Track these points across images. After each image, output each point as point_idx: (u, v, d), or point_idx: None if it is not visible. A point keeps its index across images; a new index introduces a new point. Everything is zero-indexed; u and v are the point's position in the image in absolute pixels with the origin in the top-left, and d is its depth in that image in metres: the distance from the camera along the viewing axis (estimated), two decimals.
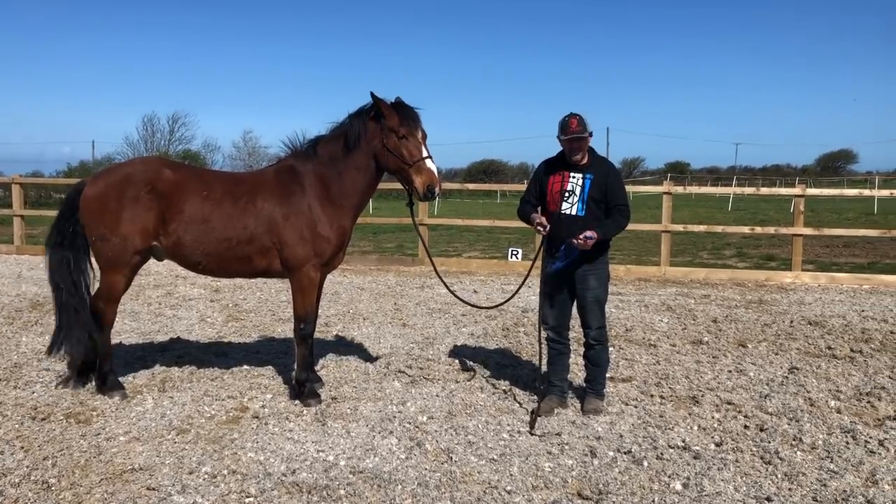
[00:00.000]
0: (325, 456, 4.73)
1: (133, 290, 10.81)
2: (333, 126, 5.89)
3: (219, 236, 5.62)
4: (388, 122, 5.53)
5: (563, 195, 5.55)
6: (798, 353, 7.45)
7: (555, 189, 5.60)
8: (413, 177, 5.48)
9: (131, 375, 6.43)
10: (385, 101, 5.62)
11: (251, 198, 5.68)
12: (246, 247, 5.67)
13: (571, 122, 5.44)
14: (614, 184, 5.55)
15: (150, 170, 5.71)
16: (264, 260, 5.75)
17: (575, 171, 5.54)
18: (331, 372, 6.63)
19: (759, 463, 4.67)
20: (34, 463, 4.57)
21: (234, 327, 8.60)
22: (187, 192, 5.63)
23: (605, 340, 5.77)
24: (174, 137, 68.50)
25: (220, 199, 5.66)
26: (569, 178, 5.55)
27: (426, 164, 5.49)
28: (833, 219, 27.42)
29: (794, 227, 12.93)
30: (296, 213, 5.66)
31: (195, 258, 5.73)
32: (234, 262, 5.76)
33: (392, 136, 5.53)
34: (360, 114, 5.73)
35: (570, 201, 5.53)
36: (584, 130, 5.44)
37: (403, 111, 5.58)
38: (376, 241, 19.82)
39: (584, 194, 5.49)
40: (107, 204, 5.59)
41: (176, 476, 4.40)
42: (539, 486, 4.35)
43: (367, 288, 11.59)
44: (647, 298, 10.69)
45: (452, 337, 8.10)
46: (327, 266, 5.93)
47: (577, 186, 5.51)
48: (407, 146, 5.51)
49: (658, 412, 5.62)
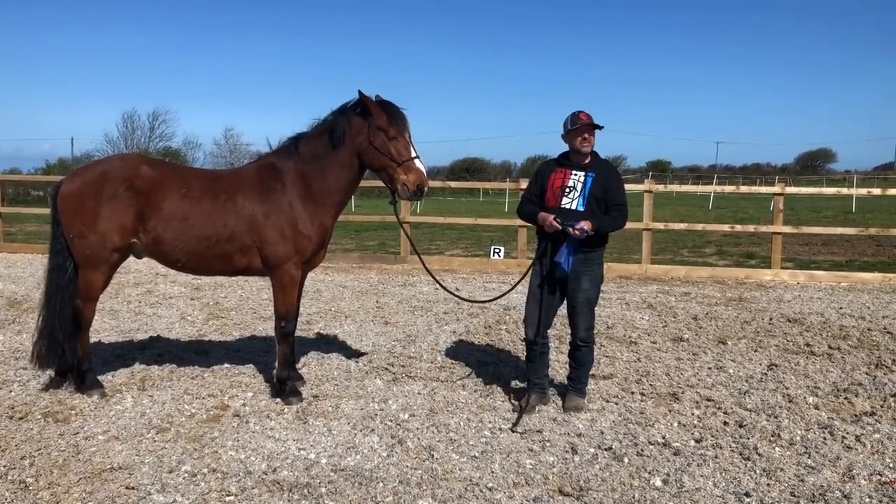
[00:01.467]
0: (307, 454, 4.71)
1: (113, 288, 10.72)
2: (315, 123, 5.86)
3: (198, 234, 5.58)
4: (376, 121, 5.50)
5: (564, 191, 5.54)
6: (777, 350, 7.52)
7: (555, 185, 5.59)
8: (402, 175, 5.47)
9: (110, 374, 6.37)
10: (372, 99, 5.60)
11: (231, 196, 5.64)
12: (226, 245, 5.64)
13: (582, 114, 5.48)
14: (615, 184, 5.58)
15: (129, 167, 5.65)
16: (244, 258, 5.72)
17: (577, 170, 5.56)
18: (312, 370, 6.61)
19: (738, 459, 4.71)
20: (11, 462, 4.52)
21: (214, 325, 8.55)
22: (166, 189, 5.58)
23: (592, 342, 5.75)
24: (154, 134, 67.93)
25: (199, 196, 5.62)
26: (570, 175, 5.56)
27: (416, 163, 5.50)
28: (812, 217, 27.71)
29: (774, 225, 13.04)
30: (277, 211, 5.63)
31: (175, 256, 5.68)
32: (213, 261, 5.72)
33: (380, 135, 5.50)
34: (344, 111, 5.69)
35: (570, 196, 5.52)
36: (593, 122, 5.47)
37: (391, 110, 5.56)
38: (359, 239, 19.77)
39: (586, 191, 5.50)
40: (84, 201, 5.53)
41: (156, 475, 4.37)
42: (520, 482, 4.36)
43: (350, 286, 11.57)
44: (629, 296, 10.74)
45: (434, 335, 8.11)
46: (308, 264, 5.91)
47: (579, 183, 5.52)
48: (396, 145, 5.50)
49: (639, 409, 5.65)
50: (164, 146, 66.05)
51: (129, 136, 66.38)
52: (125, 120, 66.97)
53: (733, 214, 30.51)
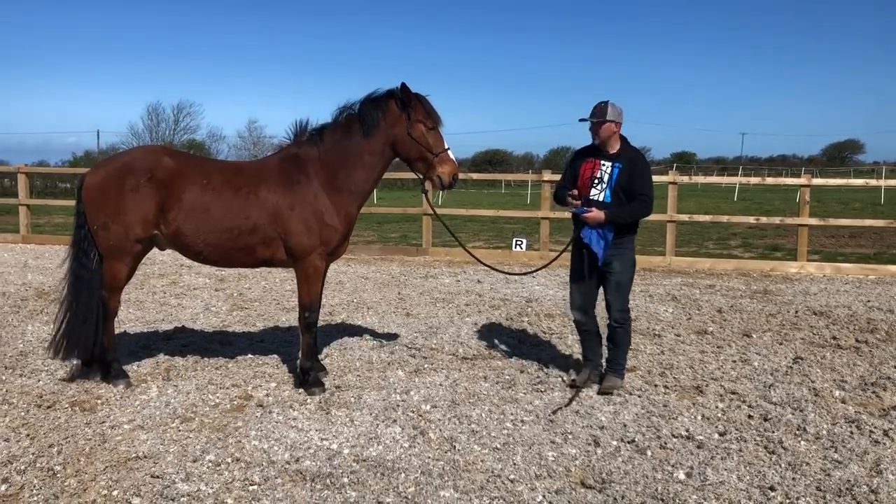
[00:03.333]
0: (329, 444, 4.74)
1: (138, 279, 10.85)
2: (339, 112, 5.87)
3: (220, 226, 5.61)
4: (416, 113, 5.63)
5: (593, 182, 5.72)
6: (803, 343, 7.44)
7: (585, 175, 5.77)
8: (438, 166, 5.64)
9: (136, 364, 6.45)
10: (414, 93, 5.66)
11: (254, 188, 5.67)
12: (248, 237, 5.66)
13: (595, 108, 5.65)
14: (639, 173, 5.68)
15: (151, 158, 5.69)
16: (268, 250, 5.74)
17: (605, 160, 5.71)
18: (335, 361, 6.64)
19: (763, 452, 4.66)
20: (40, 450, 4.59)
21: (238, 316, 8.61)
22: (187, 181, 5.62)
23: (627, 322, 5.92)
24: (179, 127, 68.59)
25: (220, 188, 5.64)
26: (599, 166, 5.72)
27: (450, 154, 5.69)
28: (839, 209, 27.34)
29: (800, 217, 12.88)
30: (301, 203, 5.65)
31: (197, 248, 5.72)
32: (236, 253, 5.75)
33: (419, 126, 5.63)
34: (376, 100, 5.73)
35: (598, 188, 5.69)
36: (602, 116, 5.58)
37: (429, 104, 5.71)
38: (380, 231, 19.81)
39: (612, 182, 5.65)
40: (107, 192, 5.59)
41: (180, 464, 4.42)
42: (542, 474, 4.35)
43: (372, 277, 11.59)
44: (652, 288, 10.67)
45: (456, 326, 8.10)
46: (332, 255, 5.93)
47: (606, 174, 5.68)
48: (434, 137, 5.66)
49: (662, 402, 5.61)
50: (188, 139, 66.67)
51: (154, 129, 67.07)
52: (150, 112, 67.66)
53: (759, 206, 30.19)
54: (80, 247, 5.77)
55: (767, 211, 26.12)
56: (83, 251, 5.76)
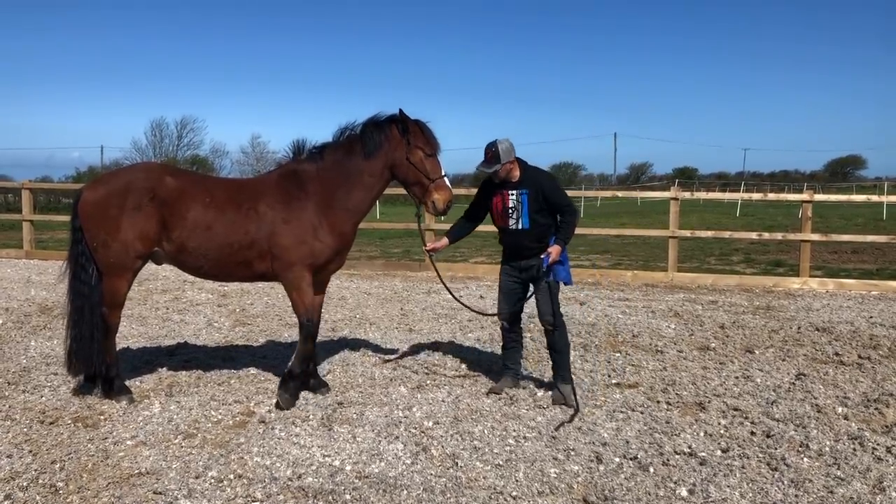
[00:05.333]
0: (331, 461, 4.74)
1: (140, 294, 10.88)
2: (340, 132, 5.95)
3: (221, 242, 5.67)
4: (415, 139, 5.75)
5: (508, 212, 5.98)
6: (805, 360, 7.43)
7: (499, 208, 6.05)
8: (433, 192, 5.74)
9: (138, 380, 6.46)
10: (414, 119, 5.79)
11: (253, 203, 5.74)
12: (247, 251, 5.72)
13: (486, 152, 5.87)
14: (550, 190, 5.94)
15: (152, 178, 5.74)
16: (263, 263, 5.80)
17: (511, 189, 5.97)
18: (337, 377, 6.64)
19: (766, 469, 4.66)
20: (42, 466, 4.59)
21: (241, 332, 8.62)
22: (189, 199, 5.68)
23: (562, 326, 6.12)
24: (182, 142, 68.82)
25: (222, 205, 5.71)
26: (508, 196, 5.98)
27: (445, 181, 5.81)
28: (842, 225, 27.32)
29: (802, 232, 12.88)
30: (297, 218, 5.71)
31: (197, 263, 5.78)
32: (234, 267, 5.81)
33: (418, 152, 5.74)
34: (379, 124, 5.83)
35: (514, 217, 5.98)
36: (499, 161, 5.79)
37: (429, 131, 5.84)
38: (383, 247, 19.84)
39: (525, 209, 5.93)
40: (108, 211, 5.63)
41: (182, 480, 4.42)
42: (545, 491, 4.35)
43: (374, 293, 11.61)
44: (655, 304, 10.67)
45: (458, 342, 8.11)
46: (323, 271, 5.96)
47: (518, 203, 5.95)
48: (431, 163, 5.77)
49: (664, 418, 5.61)
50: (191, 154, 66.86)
51: (157, 144, 67.28)
52: (154, 128, 67.90)
53: (761, 222, 30.19)
54: (77, 262, 5.81)
55: (770, 226, 26.12)
56: (81, 266, 5.80)
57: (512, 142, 5.88)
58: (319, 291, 6.23)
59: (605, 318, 9.56)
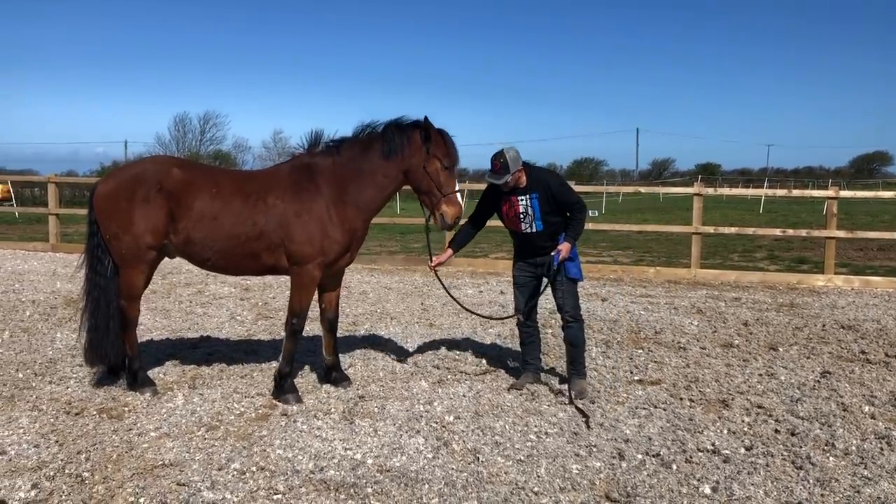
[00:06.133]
0: (353, 454, 4.75)
1: (164, 288, 10.98)
2: (361, 129, 5.93)
3: (227, 233, 5.66)
4: (435, 149, 5.70)
5: (520, 217, 6.01)
6: (830, 358, 7.35)
7: (510, 214, 6.07)
8: (443, 206, 5.71)
9: (162, 372, 6.52)
10: (437, 129, 5.75)
11: (262, 195, 5.70)
12: (254, 243, 5.70)
13: (494, 163, 5.85)
14: (559, 191, 5.95)
15: (160, 169, 5.77)
16: (272, 257, 5.77)
17: (520, 194, 5.97)
18: (358, 371, 6.66)
19: (791, 468, 4.61)
20: (68, 457, 4.65)
21: (263, 325, 8.67)
22: (196, 190, 5.68)
23: (580, 319, 6.10)
24: (205, 138, 69.40)
25: (229, 196, 5.69)
26: (518, 202, 5.99)
27: (457, 197, 5.78)
28: (868, 221, 26.98)
29: (827, 229, 12.73)
30: (307, 212, 5.67)
31: (204, 255, 5.78)
32: (242, 259, 5.79)
33: (435, 162, 5.70)
34: (402, 127, 5.79)
35: (527, 222, 6.00)
36: (508, 171, 5.79)
37: (450, 143, 5.78)
38: (403, 242, 19.85)
39: (537, 213, 5.94)
40: (118, 203, 5.68)
41: (205, 472, 4.45)
42: (567, 487, 4.33)
43: (395, 288, 11.63)
44: (677, 301, 10.60)
45: (479, 337, 8.10)
46: (334, 266, 5.94)
47: (528, 207, 5.96)
48: (446, 176, 5.73)
49: (687, 415, 5.57)
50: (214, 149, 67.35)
51: (180, 140, 67.93)
52: (177, 123, 68.56)
53: (785, 218, 29.89)
54: (93, 254, 5.89)
55: (794, 223, 25.84)
56: (97, 259, 5.87)
57: (515, 150, 5.88)
58: (334, 287, 6.24)
59: (628, 314, 9.50)
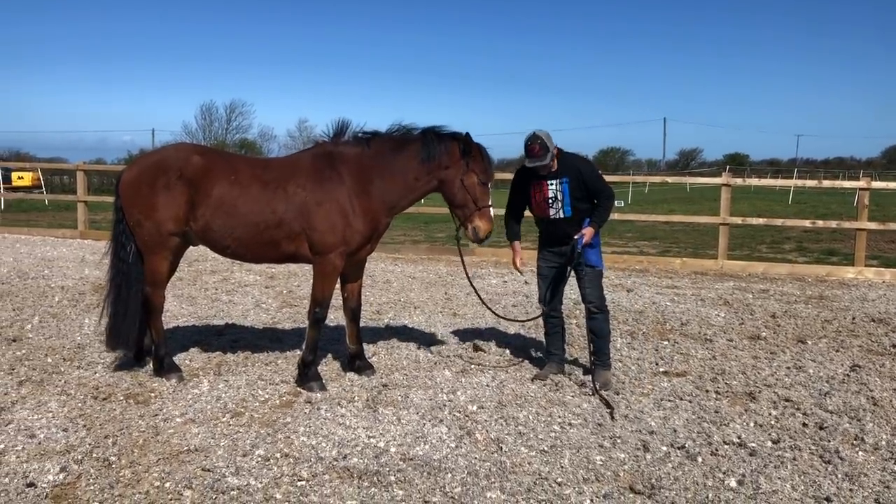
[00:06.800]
0: (376, 442, 4.76)
1: (190, 275, 11.08)
2: (398, 127, 5.93)
3: (246, 221, 5.67)
4: (474, 164, 5.73)
5: (548, 202, 5.97)
6: (860, 351, 7.23)
7: (538, 199, 6.03)
8: (477, 220, 5.77)
9: (188, 358, 6.57)
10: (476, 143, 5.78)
11: (282, 182, 5.70)
12: (274, 231, 5.70)
13: (532, 147, 5.79)
14: (590, 178, 5.93)
15: (181, 157, 5.80)
16: (292, 245, 5.78)
17: (550, 179, 5.93)
18: (382, 359, 6.67)
19: (819, 462, 4.54)
20: (96, 441, 4.70)
21: (288, 313, 8.72)
22: (215, 177, 5.69)
23: (605, 310, 6.12)
24: (231, 126, 69.92)
25: (247, 183, 5.70)
26: (548, 187, 5.95)
27: (490, 212, 5.81)
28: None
29: (858, 221, 12.52)
30: (329, 200, 5.67)
31: (224, 242, 5.80)
32: (261, 247, 5.81)
33: (473, 176, 5.73)
34: (443, 136, 5.80)
35: (555, 207, 5.97)
36: (547, 152, 5.76)
37: (488, 159, 5.83)
38: (427, 231, 19.86)
39: (567, 198, 5.92)
40: (140, 190, 5.74)
41: (230, 458, 4.48)
42: (590, 478, 4.30)
43: (419, 277, 11.63)
44: (704, 292, 10.49)
45: (503, 328, 8.08)
46: (354, 256, 5.93)
47: (558, 192, 5.93)
48: (482, 191, 5.78)
49: (713, 407, 5.51)
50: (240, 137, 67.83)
51: (207, 128, 68.53)
52: (203, 112, 69.18)
53: (814, 210, 29.46)
54: (118, 241, 5.96)
55: (823, 214, 25.48)
56: (121, 245, 5.94)
57: (547, 131, 5.84)
58: (357, 277, 6.24)
59: (653, 305, 9.43)
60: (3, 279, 10.66)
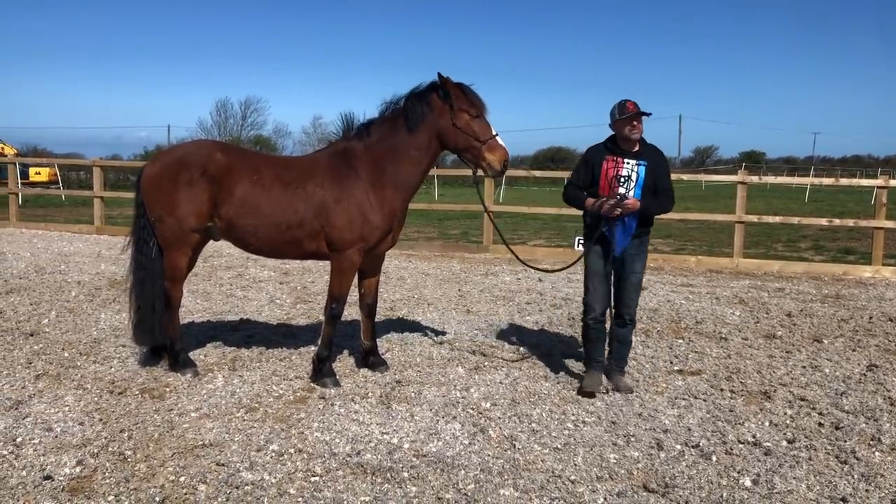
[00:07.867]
0: (390, 438, 4.77)
1: (205, 271, 11.13)
2: (385, 107, 5.89)
3: (269, 221, 5.69)
4: (458, 103, 5.56)
5: (619, 180, 5.65)
6: (877, 350, 7.17)
7: (609, 174, 5.68)
8: (487, 154, 5.54)
9: (203, 354, 6.61)
10: (454, 82, 5.61)
11: (302, 182, 5.71)
12: (296, 230, 5.72)
13: (629, 104, 5.60)
14: (664, 172, 5.77)
15: (204, 154, 5.81)
16: (313, 243, 5.79)
17: (629, 158, 5.67)
18: (395, 356, 6.68)
19: (834, 462, 4.51)
20: (112, 435, 4.74)
21: (302, 309, 8.74)
22: (237, 176, 5.71)
23: (636, 323, 6.08)
24: (246, 122, 70.16)
25: (269, 183, 5.72)
26: (623, 164, 5.66)
27: (498, 140, 5.57)
28: None
29: (876, 219, 12.41)
30: (347, 197, 5.67)
31: (247, 240, 5.83)
32: (284, 246, 5.83)
33: (463, 115, 5.57)
34: (420, 94, 5.71)
35: (626, 186, 5.64)
36: (641, 122, 5.63)
37: (471, 92, 5.63)
38: (441, 228, 19.84)
39: (641, 181, 5.64)
40: (162, 185, 5.75)
41: (244, 453, 4.51)
42: (604, 476, 4.29)
43: (432, 274, 11.63)
44: (719, 290, 10.43)
45: (517, 325, 8.07)
46: (373, 251, 5.94)
47: (633, 173, 5.64)
48: (479, 125, 5.58)
49: (728, 406, 5.48)
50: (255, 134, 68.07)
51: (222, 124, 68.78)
52: (218, 108, 69.45)
53: (831, 208, 29.22)
54: (139, 236, 5.98)
55: (840, 213, 25.26)
56: (143, 240, 5.96)
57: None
58: (374, 273, 6.25)
59: (668, 303, 9.38)
60: (20, 274, 10.76)
